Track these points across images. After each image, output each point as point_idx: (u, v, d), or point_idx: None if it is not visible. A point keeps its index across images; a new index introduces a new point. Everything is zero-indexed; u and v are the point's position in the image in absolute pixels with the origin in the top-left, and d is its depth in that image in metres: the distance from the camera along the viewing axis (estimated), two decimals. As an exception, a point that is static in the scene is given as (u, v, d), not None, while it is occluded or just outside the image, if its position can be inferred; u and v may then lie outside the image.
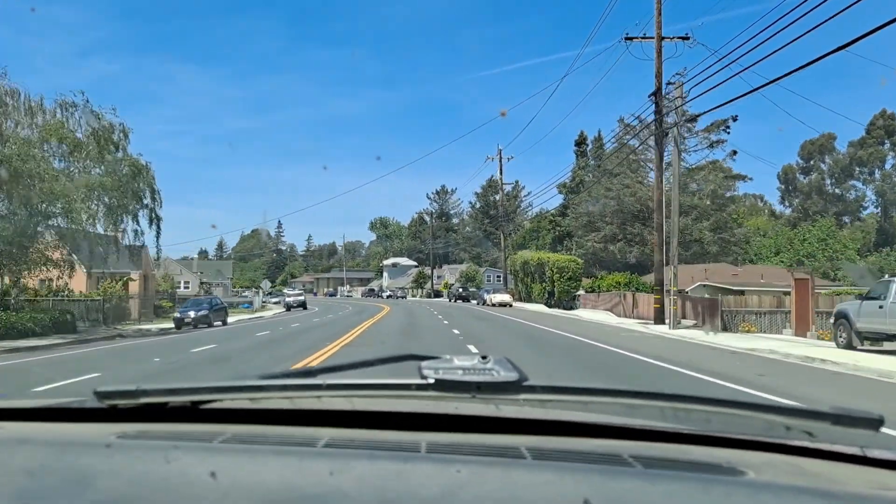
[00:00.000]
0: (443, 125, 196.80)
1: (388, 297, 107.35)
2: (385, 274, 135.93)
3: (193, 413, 1.32)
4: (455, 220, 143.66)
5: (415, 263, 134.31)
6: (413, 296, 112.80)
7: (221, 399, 1.32)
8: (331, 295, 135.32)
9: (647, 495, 0.91)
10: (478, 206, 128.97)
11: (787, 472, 1.10)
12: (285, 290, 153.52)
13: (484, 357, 1.20)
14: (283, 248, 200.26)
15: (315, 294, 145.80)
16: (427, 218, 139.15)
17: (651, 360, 16.36)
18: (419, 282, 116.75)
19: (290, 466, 0.97)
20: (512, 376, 1.16)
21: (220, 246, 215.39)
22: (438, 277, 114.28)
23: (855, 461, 1.18)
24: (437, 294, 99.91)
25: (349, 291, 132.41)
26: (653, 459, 1.08)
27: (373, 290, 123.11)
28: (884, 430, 1.24)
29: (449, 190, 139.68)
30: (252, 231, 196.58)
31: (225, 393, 1.33)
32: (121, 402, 1.31)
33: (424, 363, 1.19)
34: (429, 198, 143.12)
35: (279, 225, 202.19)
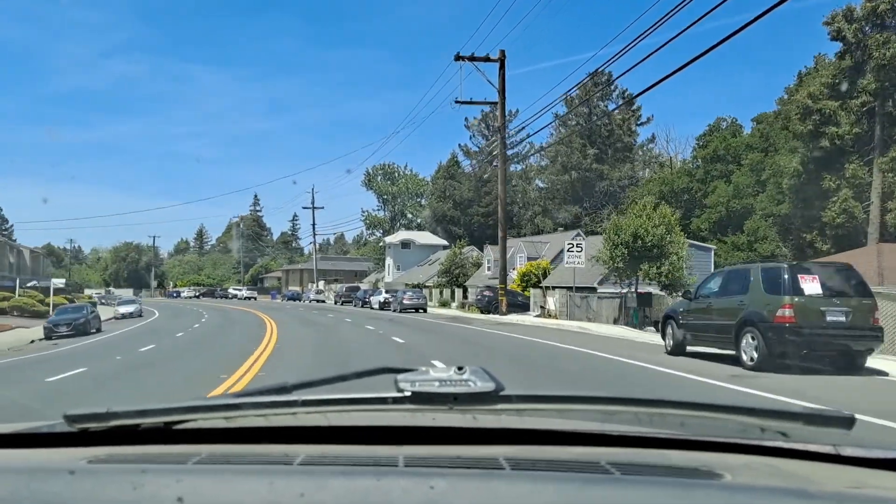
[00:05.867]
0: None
1: (385, 305, 45.57)
2: (389, 261, 74.30)
3: (166, 434, 1.29)
4: (516, 167, 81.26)
5: (443, 242, 72.75)
6: (441, 303, 50.48)
7: (195, 419, 1.28)
8: (291, 298, 74.33)
9: (626, 502, 0.91)
10: (573, 123, 66.15)
11: (764, 473, 1.12)
12: (230, 290, 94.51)
13: (460, 368, 1.17)
14: (264, 233, 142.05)
15: (274, 296, 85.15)
16: (463, 158, 77.12)
17: None
18: (453, 274, 55.17)
19: (265, 486, 0.95)
20: (489, 386, 1.13)
21: (200, 235, 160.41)
22: (492, 263, 52.71)
23: (829, 460, 1.20)
24: (516, 301, 37.28)
25: (318, 292, 71.28)
26: (630, 465, 1.09)
27: (356, 289, 61.33)
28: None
29: (509, 112, 76.77)
30: (240, 218, 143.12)
31: (198, 413, 1.28)
32: (91, 426, 1.26)
33: (401, 376, 1.16)
34: (469, 128, 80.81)
35: (255, 200, 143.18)
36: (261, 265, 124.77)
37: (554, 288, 34.27)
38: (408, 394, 1.14)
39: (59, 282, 71.65)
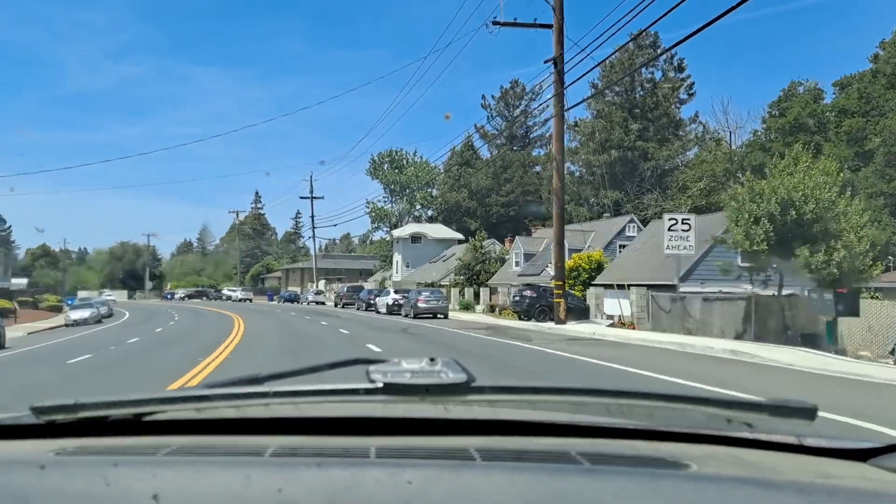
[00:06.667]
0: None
1: (395, 308, 36.44)
2: (397, 257, 65.56)
3: (136, 426, 1.28)
4: (539, 151, 72.25)
5: (458, 235, 64.21)
6: (463, 305, 41.49)
7: (165, 410, 1.28)
8: (288, 300, 65.70)
9: (594, 492, 0.92)
10: (614, 94, 56.79)
11: (729, 464, 1.14)
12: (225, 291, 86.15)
13: (432, 359, 1.16)
14: (267, 232, 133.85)
15: (271, 297, 76.46)
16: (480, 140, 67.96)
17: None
18: (474, 270, 46.61)
19: (238, 477, 0.95)
20: (460, 378, 1.13)
21: (204, 235, 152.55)
22: (521, 258, 44.07)
23: (793, 450, 1.24)
24: (567, 304, 28.19)
25: (318, 293, 62.73)
26: (599, 456, 1.11)
27: (358, 289, 52.58)
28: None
29: (530, 89, 67.76)
30: (236, 214, 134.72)
31: (169, 404, 1.28)
32: (59, 417, 1.24)
33: (373, 367, 1.16)
34: (486, 106, 71.86)
35: (256, 197, 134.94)
36: (262, 264, 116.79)
37: (629, 286, 25.20)
38: (379, 385, 1.12)
39: (19, 282, 63.26)
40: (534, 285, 30.36)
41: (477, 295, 41.92)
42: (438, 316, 32.22)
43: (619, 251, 37.17)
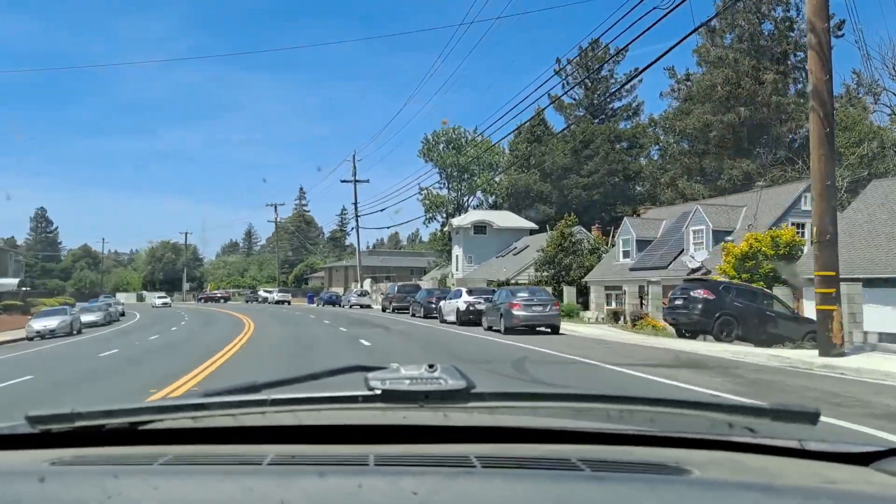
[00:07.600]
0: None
1: (470, 316, 24.80)
2: (457, 251, 54.77)
3: (133, 435, 1.28)
4: (626, 124, 60.54)
5: (530, 224, 53.31)
6: (565, 312, 29.66)
7: (161, 419, 1.28)
8: (328, 302, 55.81)
9: (596, 498, 0.92)
10: (736, 41, 44.62)
11: (731, 469, 1.14)
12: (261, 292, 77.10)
13: (431, 366, 1.17)
14: (312, 231, 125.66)
15: (311, 299, 66.76)
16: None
17: None
18: (562, 265, 35.34)
19: (236, 486, 0.95)
20: (460, 384, 1.13)
21: (249, 236, 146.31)
22: (633, 247, 32.38)
23: (795, 454, 1.23)
24: (769, 314, 16.40)
25: (362, 294, 52.42)
26: (601, 462, 1.11)
27: (414, 289, 41.67)
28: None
29: (614, 48, 55.72)
30: (289, 216, 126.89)
31: (165, 413, 1.28)
32: (55, 427, 1.24)
33: (371, 374, 1.16)
34: (560, 72, 60.27)
35: (301, 194, 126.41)
36: (305, 264, 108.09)
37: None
38: (378, 392, 1.12)
39: (9, 282, 55.02)
40: (709, 281, 19.06)
41: (583, 296, 30.71)
42: (539, 329, 21.19)
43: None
